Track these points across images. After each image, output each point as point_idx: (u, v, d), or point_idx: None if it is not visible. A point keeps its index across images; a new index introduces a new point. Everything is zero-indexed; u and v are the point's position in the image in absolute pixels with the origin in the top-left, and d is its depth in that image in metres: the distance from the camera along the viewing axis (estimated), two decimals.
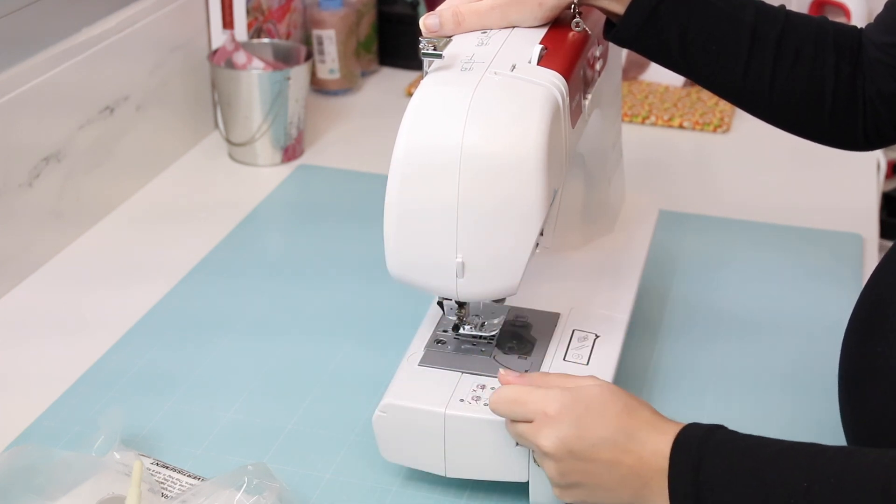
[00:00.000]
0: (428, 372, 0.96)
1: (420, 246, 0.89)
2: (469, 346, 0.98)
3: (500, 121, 0.86)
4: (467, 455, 0.93)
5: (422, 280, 0.91)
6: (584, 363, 0.98)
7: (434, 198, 0.87)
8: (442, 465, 0.94)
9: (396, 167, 0.88)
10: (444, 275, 0.89)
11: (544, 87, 0.88)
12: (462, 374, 0.95)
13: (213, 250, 1.31)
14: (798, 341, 1.17)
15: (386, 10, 1.81)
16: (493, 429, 0.91)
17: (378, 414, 0.93)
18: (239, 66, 1.49)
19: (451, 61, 0.90)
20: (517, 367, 0.96)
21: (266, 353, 1.13)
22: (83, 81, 1.31)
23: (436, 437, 0.92)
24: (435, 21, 0.95)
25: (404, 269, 0.91)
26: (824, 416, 1.05)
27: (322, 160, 1.54)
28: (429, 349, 0.98)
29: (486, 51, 0.92)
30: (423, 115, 0.88)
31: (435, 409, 0.92)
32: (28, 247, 1.25)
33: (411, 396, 0.93)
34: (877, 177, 1.54)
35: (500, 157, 0.86)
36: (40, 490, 0.91)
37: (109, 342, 1.14)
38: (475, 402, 0.92)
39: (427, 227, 0.88)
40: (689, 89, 1.75)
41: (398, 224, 0.89)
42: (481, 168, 0.86)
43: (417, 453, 0.94)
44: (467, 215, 0.87)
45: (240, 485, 0.89)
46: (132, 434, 1.00)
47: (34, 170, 1.24)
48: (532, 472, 0.92)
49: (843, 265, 1.30)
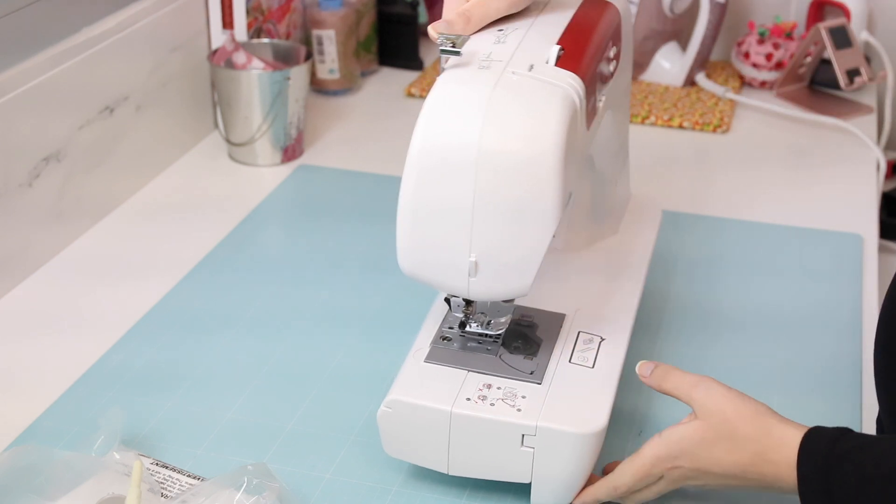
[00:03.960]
0: (434, 369, 0.96)
1: (433, 244, 0.89)
2: (475, 343, 0.98)
3: (518, 121, 0.86)
4: (471, 454, 0.93)
5: (433, 277, 0.91)
6: (590, 366, 0.97)
7: (449, 196, 0.86)
8: (445, 462, 0.94)
9: (412, 164, 0.87)
10: (456, 273, 0.89)
11: (562, 89, 0.88)
12: (468, 373, 0.95)
13: (213, 250, 1.31)
14: (798, 341, 1.17)
15: (386, 10, 1.81)
16: (498, 429, 0.91)
17: (383, 409, 0.93)
18: (239, 66, 1.49)
19: (468, 59, 0.90)
20: (523, 367, 0.96)
21: (266, 353, 1.13)
22: (83, 81, 1.31)
23: (440, 435, 0.92)
24: (444, 25, 0.94)
25: (416, 265, 0.90)
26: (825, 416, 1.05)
27: (322, 160, 1.54)
28: (435, 346, 0.98)
29: (504, 49, 0.91)
30: (440, 113, 0.87)
31: (441, 406, 0.92)
32: (28, 247, 1.25)
33: (417, 393, 0.93)
34: (877, 177, 1.54)
35: (517, 158, 0.85)
36: (40, 490, 0.91)
37: (109, 342, 1.14)
38: (482, 401, 0.92)
39: (441, 225, 0.88)
40: (688, 89, 1.75)
41: (412, 221, 0.88)
42: (498, 168, 0.85)
43: (421, 450, 0.94)
44: (482, 215, 0.86)
45: (240, 485, 0.89)
46: (132, 434, 1.00)
47: (34, 170, 1.24)
48: (535, 473, 0.92)
49: (843, 265, 1.30)
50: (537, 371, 0.96)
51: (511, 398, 0.93)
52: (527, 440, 0.91)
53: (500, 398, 0.93)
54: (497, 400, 0.92)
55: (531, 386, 0.94)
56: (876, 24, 1.84)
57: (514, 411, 0.91)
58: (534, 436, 0.91)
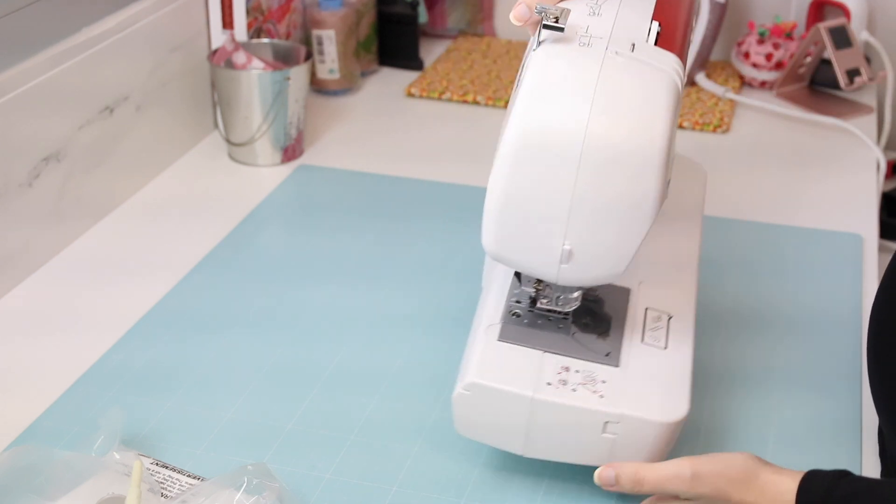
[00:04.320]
0: (509, 349, 0.93)
1: (524, 228, 0.86)
2: (545, 320, 0.96)
3: (628, 110, 0.82)
4: (549, 438, 0.91)
5: (520, 260, 0.88)
6: (663, 347, 0.95)
7: (548, 182, 0.84)
8: (521, 445, 0.92)
9: (510, 144, 0.84)
10: (546, 259, 0.87)
11: (668, 75, 0.85)
12: (544, 353, 0.93)
13: (213, 250, 1.31)
14: (798, 341, 1.17)
15: (386, 10, 1.81)
16: (581, 416, 0.89)
17: (460, 392, 0.91)
18: (239, 66, 1.49)
19: (567, 33, 0.86)
20: (598, 348, 0.94)
21: (266, 353, 1.13)
22: (83, 81, 1.31)
23: (519, 419, 0.90)
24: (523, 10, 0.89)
25: (502, 247, 0.88)
26: (825, 415, 1.05)
27: (322, 160, 1.54)
28: (506, 323, 0.96)
29: (601, 24, 0.88)
30: (544, 94, 0.83)
31: (523, 392, 0.90)
32: (28, 247, 1.25)
33: (497, 377, 0.91)
34: (877, 177, 1.54)
35: (625, 149, 0.82)
36: (40, 490, 0.91)
37: (109, 342, 1.14)
38: (562, 385, 0.90)
39: (535, 210, 0.85)
40: (689, 89, 1.75)
41: (503, 203, 0.86)
42: (604, 157, 0.82)
43: (496, 432, 0.92)
44: (582, 204, 0.84)
45: (240, 485, 0.89)
46: (132, 434, 1.00)
47: (34, 170, 1.24)
48: (612, 457, 0.91)
49: (843, 265, 1.30)
50: (613, 353, 0.94)
51: (591, 383, 0.91)
52: (609, 427, 0.90)
53: (581, 383, 0.91)
54: (578, 385, 0.91)
55: (609, 369, 0.92)
56: (876, 24, 1.84)
57: (596, 398, 0.90)
58: (617, 423, 0.90)
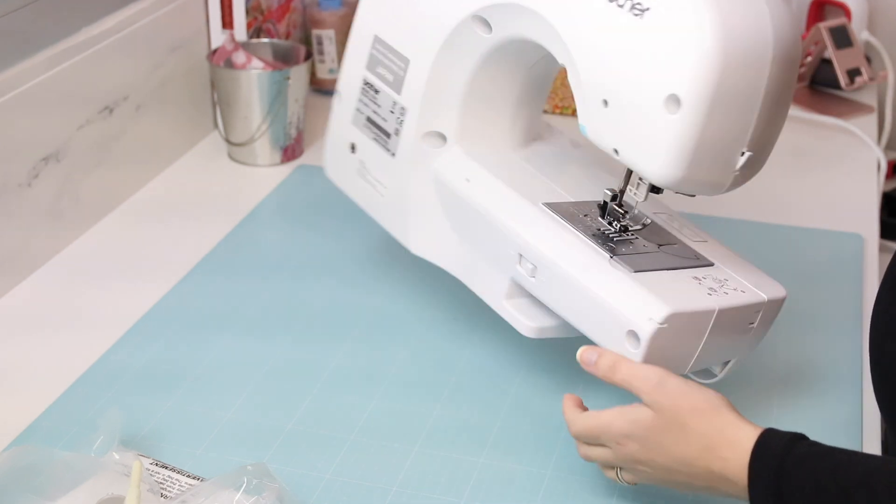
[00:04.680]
0: (651, 276, 0.97)
1: (713, 139, 0.91)
2: (631, 245, 1.01)
3: (786, 10, 0.91)
4: (713, 346, 0.96)
5: (700, 175, 0.93)
6: (705, 240, 1.04)
7: (744, 88, 0.89)
8: (689, 364, 0.97)
9: (711, 58, 0.88)
10: (725, 167, 0.94)
11: None
12: (675, 271, 0.98)
13: (213, 250, 1.31)
14: (798, 341, 1.16)
15: None
16: (745, 313, 0.96)
17: (658, 327, 0.92)
18: (238, 65, 1.49)
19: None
20: (688, 254, 1.01)
21: (266, 353, 1.13)
22: (83, 81, 1.31)
23: (699, 337, 0.94)
24: None
25: None
26: (826, 415, 1.05)
27: (322, 160, 1.53)
28: (617, 257, 0.99)
29: None
30: (728, 8, 0.89)
31: (710, 306, 0.94)
32: (28, 247, 1.25)
33: (681, 302, 0.94)
34: (877, 177, 1.54)
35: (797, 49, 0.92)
36: (40, 490, 0.91)
37: (108, 342, 1.14)
38: (714, 292, 0.96)
39: (728, 117, 0.90)
40: None
41: (707, 113, 0.89)
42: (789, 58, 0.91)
43: (678, 356, 0.95)
44: (766, 106, 0.91)
45: (239, 485, 0.89)
46: (131, 434, 1.00)
47: (33, 170, 1.24)
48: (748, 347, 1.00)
49: (843, 265, 1.30)
50: (700, 255, 1.01)
51: (723, 284, 0.98)
52: (756, 317, 0.97)
53: (720, 286, 0.97)
54: (728, 289, 0.97)
55: (711, 269, 0.99)
56: (876, 24, 1.84)
57: (743, 294, 0.97)
58: (759, 312, 0.97)
